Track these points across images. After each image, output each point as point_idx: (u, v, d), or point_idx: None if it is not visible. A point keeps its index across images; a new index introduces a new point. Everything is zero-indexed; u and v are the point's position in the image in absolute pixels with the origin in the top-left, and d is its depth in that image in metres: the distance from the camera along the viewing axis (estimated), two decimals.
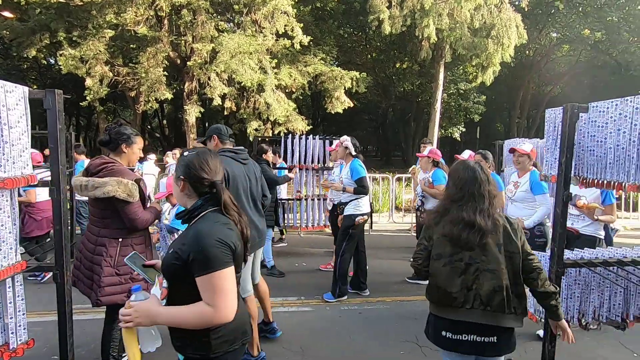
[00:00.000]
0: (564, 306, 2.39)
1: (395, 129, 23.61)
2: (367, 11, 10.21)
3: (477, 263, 1.68)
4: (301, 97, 10.91)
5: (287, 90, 10.11)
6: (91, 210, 2.26)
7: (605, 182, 2.08)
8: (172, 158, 6.61)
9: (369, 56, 16.78)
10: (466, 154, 4.25)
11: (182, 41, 8.88)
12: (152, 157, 7.01)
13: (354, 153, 3.87)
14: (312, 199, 5.68)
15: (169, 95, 8.70)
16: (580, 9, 13.09)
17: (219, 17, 9.43)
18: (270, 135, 10.08)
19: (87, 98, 8.62)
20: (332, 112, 10.68)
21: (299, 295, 3.99)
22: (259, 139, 8.25)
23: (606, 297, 2.42)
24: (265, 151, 4.65)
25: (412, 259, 1.87)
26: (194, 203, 1.31)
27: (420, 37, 10.12)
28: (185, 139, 10.39)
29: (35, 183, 1.88)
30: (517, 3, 13.31)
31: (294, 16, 8.61)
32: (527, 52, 16.25)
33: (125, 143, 2.26)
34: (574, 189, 3.52)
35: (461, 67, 14.49)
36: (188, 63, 8.55)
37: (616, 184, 2.02)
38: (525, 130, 19.70)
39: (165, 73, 8.68)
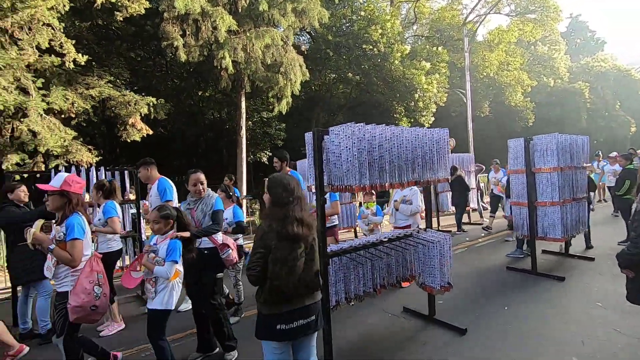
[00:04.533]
0: (333, 290, 2.92)
1: (210, 157, 23.28)
2: (160, 37, 9.83)
3: (306, 255, 2.04)
4: (85, 125, 9.28)
5: (64, 116, 8.43)
6: None
7: (343, 186, 2.73)
8: None
9: (171, 83, 16.11)
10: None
11: None
12: None
13: None
14: None
15: None
16: (344, 57, 16.75)
17: None
18: (43, 170, 8.10)
19: None
20: (129, 141, 9.59)
21: None
22: (24, 175, 6.59)
23: (361, 275, 3.11)
24: (12, 189, 3.79)
25: (248, 270, 1.99)
26: None
27: (219, 67, 10.50)
28: None
29: None
30: (300, 47, 15.78)
31: (61, 30, 7.32)
32: (314, 87, 19.36)
33: None
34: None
35: (262, 97, 15.84)
36: None
37: (349, 187, 2.68)
38: None
39: None
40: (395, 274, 3.40)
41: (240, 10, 11.03)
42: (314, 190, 2.92)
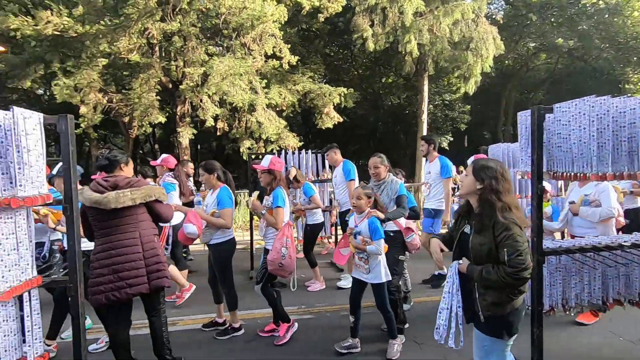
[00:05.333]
0: (547, 293, 2.54)
1: (386, 141, 23.93)
2: (351, 30, 10.64)
3: None
4: (291, 115, 11.20)
5: (277, 109, 10.38)
6: (121, 221, 2.49)
7: (572, 174, 2.29)
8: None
9: (356, 72, 17.30)
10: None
11: (174, 66, 9.15)
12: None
13: None
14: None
15: (162, 119, 8.90)
16: (552, 20, 13.79)
17: (208, 41, 9.76)
18: (264, 152, 10.29)
19: (82, 125, 8.78)
20: (323, 128, 10.94)
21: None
22: (252, 156, 8.45)
23: (586, 282, 2.59)
24: None
25: (525, 265, 1.85)
26: None
27: (403, 52, 10.53)
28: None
29: (50, 201, 2.00)
30: (493, 17, 13.96)
31: (281, 38, 8.98)
32: (507, 61, 16.89)
33: (123, 163, 2.67)
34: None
35: (445, 79, 15.00)
36: (180, 87, 8.80)
37: (581, 175, 2.23)
38: (511, 136, 20.20)
39: (158, 98, 8.91)
40: (638, 289, 2.66)
41: None
42: (524, 177, 2.59)
